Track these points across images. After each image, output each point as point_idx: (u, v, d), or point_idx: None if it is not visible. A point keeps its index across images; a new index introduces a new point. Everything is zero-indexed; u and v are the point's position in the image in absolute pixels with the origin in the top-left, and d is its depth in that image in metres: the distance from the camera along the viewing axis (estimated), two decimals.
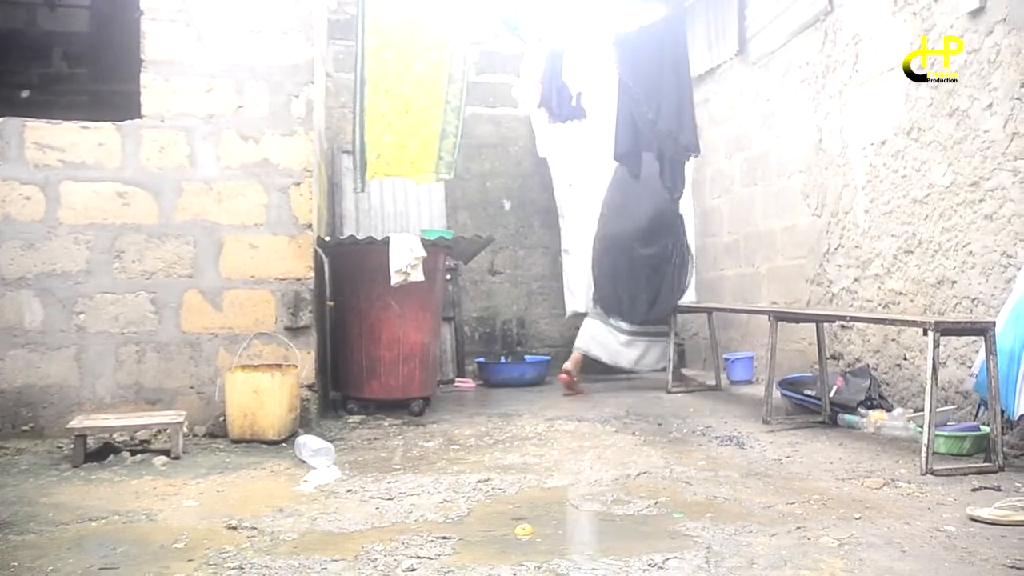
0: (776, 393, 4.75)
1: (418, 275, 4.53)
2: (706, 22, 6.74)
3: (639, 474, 3.41)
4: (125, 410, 4.15)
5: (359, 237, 5.08)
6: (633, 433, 4.34)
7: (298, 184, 4.38)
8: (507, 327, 7.12)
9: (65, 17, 7.79)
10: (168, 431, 3.81)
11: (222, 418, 4.08)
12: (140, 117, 4.35)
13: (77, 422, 3.71)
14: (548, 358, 6.75)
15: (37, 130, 4.26)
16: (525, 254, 7.15)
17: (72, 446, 3.64)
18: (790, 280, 5.91)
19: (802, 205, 5.72)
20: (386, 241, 4.64)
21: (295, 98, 4.42)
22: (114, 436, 3.85)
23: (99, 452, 3.74)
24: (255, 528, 2.64)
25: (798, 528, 2.61)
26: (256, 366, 4.14)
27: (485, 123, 7.10)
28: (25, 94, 7.34)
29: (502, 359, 6.65)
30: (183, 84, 4.37)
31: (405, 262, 4.48)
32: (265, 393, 3.90)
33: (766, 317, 4.77)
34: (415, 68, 4.79)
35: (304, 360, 4.31)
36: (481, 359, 6.67)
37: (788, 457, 3.71)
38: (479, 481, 3.25)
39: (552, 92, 5.87)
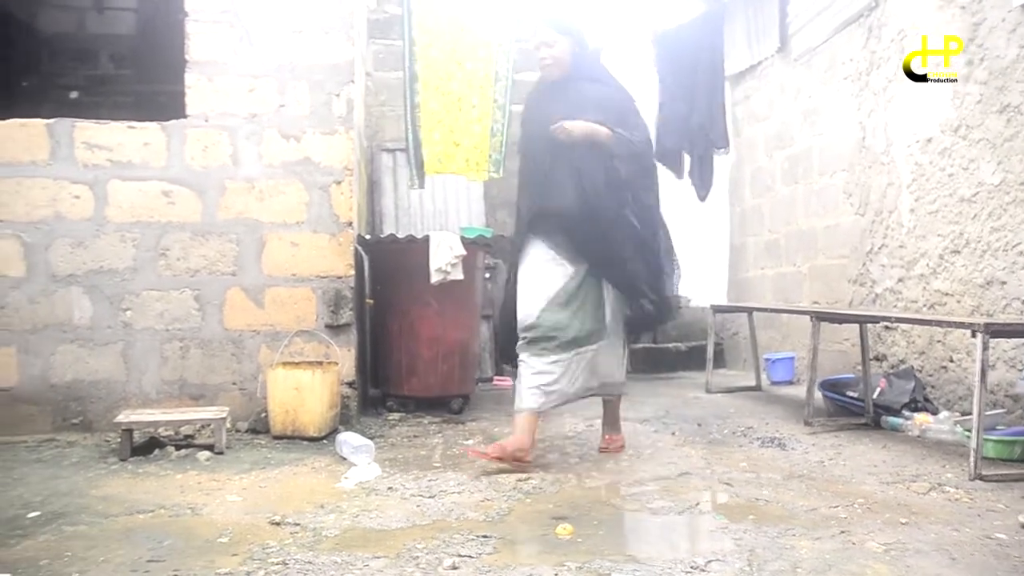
0: (818, 394, 4.69)
1: (458, 273, 4.55)
2: (746, 19, 6.67)
3: (679, 475, 3.39)
4: (169, 405, 4.23)
5: (399, 235, 5.11)
6: (672, 433, 4.32)
7: (339, 182, 4.41)
8: None
9: (112, 20, 7.94)
10: (211, 427, 3.86)
11: (264, 414, 4.13)
12: (185, 117, 4.41)
13: (124, 416, 3.78)
14: None
15: (86, 130, 4.34)
16: None
17: (119, 440, 3.71)
18: (832, 280, 5.83)
19: (845, 204, 5.64)
20: (426, 239, 4.66)
21: (336, 97, 4.45)
22: (159, 431, 3.91)
23: (145, 446, 3.80)
24: (298, 524, 2.67)
25: (842, 532, 2.57)
26: (297, 363, 4.18)
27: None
28: (74, 95, 7.49)
29: None
30: (226, 84, 4.42)
31: (445, 260, 4.50)
32: (306, 390, 3.94)
33: (808, 317, 4.71)
34: (465, 66, 4.83)
35: (344, 357, 4.35)
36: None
37: (831, 459, 3.66)
38: (519, 480, 3.25)
39: None
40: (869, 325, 4.79)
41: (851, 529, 2.60)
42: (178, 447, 3.79)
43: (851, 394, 4.72)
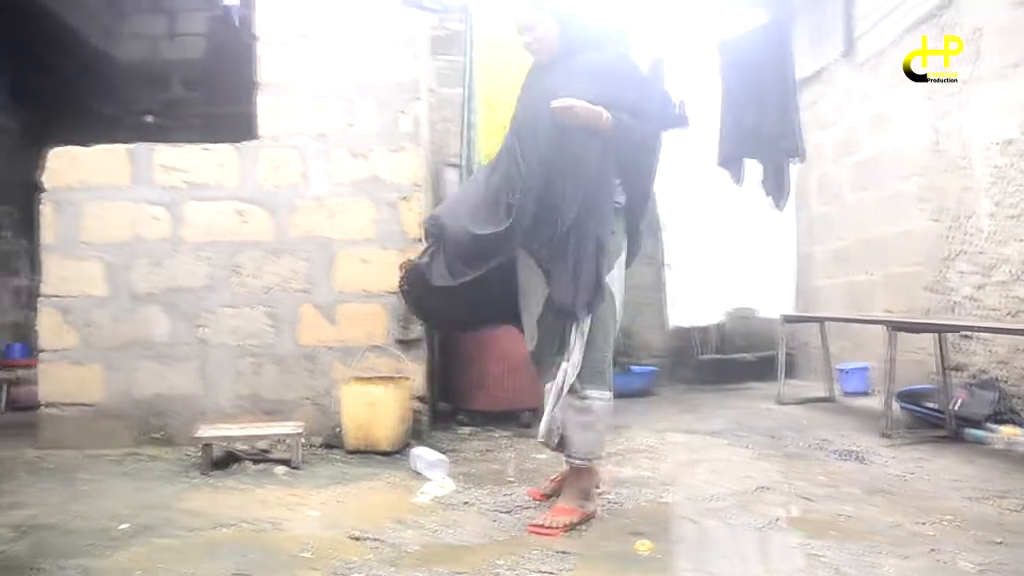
0: (895, 406, 4.57)
1: None
2: (809, 24, 6.56)
3: (756, 489, 3.34)
4: (244, 420, 4.31)
5: None
6: (746, 446, 4.25)
7: (407, 199, 4.47)
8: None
9: (183, 45, 8.20)
10: (287, 441, 3.93)
11: (337, 429, 4.18)
12: (256, 138, 4.51)
13: (203, 431, 3.87)
14: (655, 369, 6.68)
15: (163, 153, 4.47)
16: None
17: (199, 454, 3.80)
18: (906, 288, 5.68)
19: (918, 209, 5.49)
20: None
21: (402, 114, 4.51)
22: (237, 445, 3.99)
23: (224, 460, 3.88)
24: (378, 539, 2.69)
25: (931, 551, 2.50)
26: (370, 378, 4.23)
27: None
28: (148, 119, 7.74)
29: None
30: (295, 104, 4.51)
31: None
32: (379, 405, 3.98)
33: (883, 327, 4.59)
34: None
35: (416, 372, 4.38)
36: None
37: (912, 473, 3.56)
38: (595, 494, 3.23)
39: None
40: (947, 334, 4.65)
41: (940, 548, 2.53)
42: (255, 462, 3.86)
43: (930, 405, 4.59)
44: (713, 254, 6.76)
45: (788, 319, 6.13)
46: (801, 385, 6.58)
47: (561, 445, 2.96)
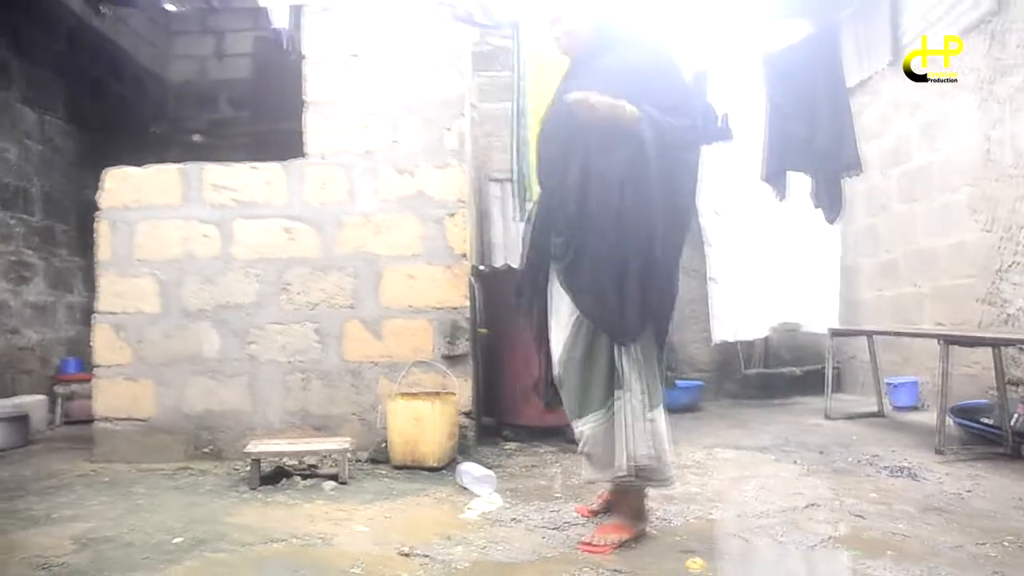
0: (948, 421, 4.47)
1: None
2: (854, 34, 6.48)
3: (807, 506, 3.29)
4: (292, 435, 4.36)
5: (512, 265, 5.15)
6: (795, 462, 4.19)
7: (452, 215, 4.50)
8: None
9: (230, 65, 8.38)
10: (334, 456, 3.96)
11: (384, 444, 4.21)
12: (303, 156, 4.58)
13: (252, 447, 3.92)
14: (700, 383, 6.62)
15: (213, 172, 4.56)
16: None
17: (249, 469, 3.85)
18: (957, 300, 5.56)
19: (969, 220, 5.38)
20: None
21: (447, 131, 4.54)
22: (285, 460, 4.04)
23: (272, 475, 3.92)
24: (427, 556, 2.70)
25: (995, 573, 2.44)
26: (416, 394, 4.26)
27: None
28: (196, 138, 7.90)
29: None
30: (342, 122, 4.58)
31: None
32: (426, 420, 4.00)
33: (935, 340, 4.50)
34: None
35: (462, 388, 4.40)
36: None
37: (969, 491, 3.48)
38: None
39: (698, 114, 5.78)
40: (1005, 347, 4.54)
41: (1006, 571, 2.46)
42: (304, 476, 3.90)
43: (986, 421, 4.48)
44: (757, 268, 6.68)
45: (836, 333, 6.04)
46: (849, 399, 6.47)
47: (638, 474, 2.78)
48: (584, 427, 2.84)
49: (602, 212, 2.71)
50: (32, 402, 5.57)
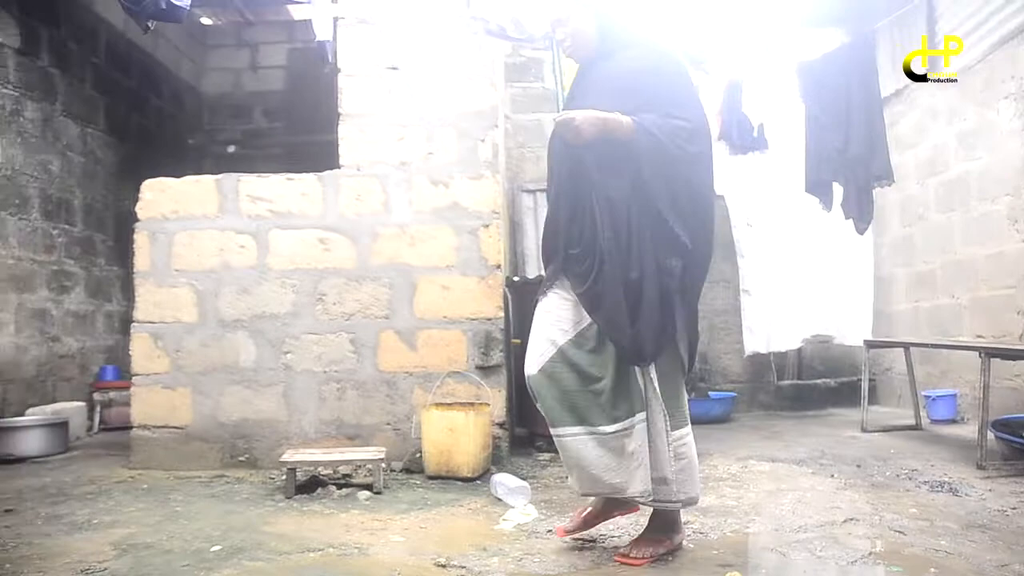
0: (989, 435, 4.40)
1: None
2: (891, 42, 6.43)
3: (845, 521, 3.24)
4: (327, 444, 4.39)
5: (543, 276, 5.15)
6: (831, 475, 4.14)
7: (487, 226, 4.51)
8: None
9: (264, 77, 8.50)
10: (369, 466, 3.98)
11: (418, 454, 4.22)
12: (338, 167, 4.62)
13: (288, 456, 3.95)
14: (733, 395, 6.58)
15: (249, 183, 4.62)
16: (706, 289, 6.93)
17: (284, 478, 3.88)
18: (997, 311, 5.48)
19: (1010, 230, 5.31)
20: None
21: (481, 142, 4.57)
22: (319, 470, 4.06)
23: (307, 484, 3.95)
24: (464, 567, 2.70)
25: None
26: (450, 404, 4.27)
27: None
28: (231, 149, 8.01)
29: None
30: (376, 134, 4.61)
31: None
32: (460, 431, 4.01)
33: (975, 353, 4.43)
34: None
35: (495, 398, 4.41)
36: None
37: (1014, 508, 3.41)
38: None
39: (732, 124, 5.77)
40: None
41: None
42: (339, 486, 3.92)
43: None
44: (790, 279, 6.64)
45: (872, 344, 5.96)
46: (884, 412, 6.38)
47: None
48: (574, 439, 2.69)
49: (613, 235, 2.60)
50: (72, 409, 5.66)
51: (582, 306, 2.71)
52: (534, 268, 6.44)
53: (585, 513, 2.94)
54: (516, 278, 5.25)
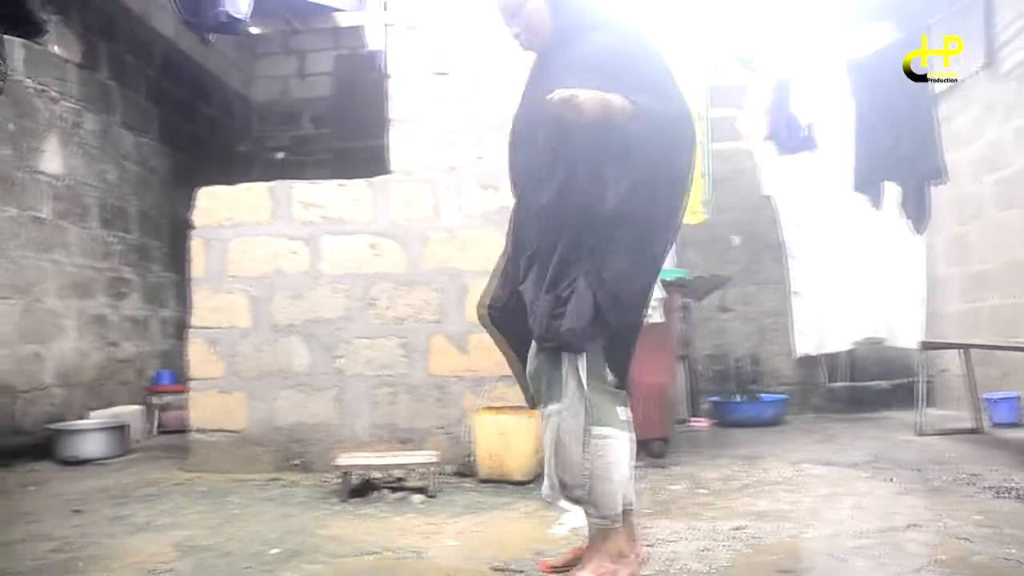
0: None
1: (658, 316, 4.51)
2: (942, 36, 6.30)
3: (907, 527, 3.17)
4: (380, 448, 4.43)
5: None
6: (889, 480, 4.06)
7: None
8: (740, 365, 6.93)
9: (312, 84, 8.61)
10: (421, 470, 4.00)
11: (469, 458, 4.24)
12: (388, 172, 4.66)
13: (343, 460, 3.99)
14: (785, 397, 6.49)
15: (301, 190, 4.68)
16: (756, 290, 6.96)
17: (338, 481, 3.93)
18: None
19: None
20: None
21: None
22: (373, 473, 4.10)
23: (361, 488, 3.99)
24: (520, 571, 2.70)
25: None
26: (501, 408, 4.28)
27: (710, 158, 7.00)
28: (280, 156, 8.13)
29: (736, 398, 6.46)
30: (426, 139, 4.65)
31: None
32: (512, 435, 4.02)
33: None
34: None
35: None
36: (715, 398, 6.53)
37: None
38: (734, 528, 3.16)
39: (781, 123, 5.71)
40: None
41: None
42: (392, 489, 3.96)
43: None
44: (841, 281, 6.55)
45: (928, 346, 5.84)
46: (941, 415, 6.24)
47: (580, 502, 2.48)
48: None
49: (595, 220, 2.36)
50: (130, 412, 5.80)
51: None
52: None
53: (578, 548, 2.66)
54: None
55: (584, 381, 2.38)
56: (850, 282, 6.53)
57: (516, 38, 2.59)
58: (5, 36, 2.72)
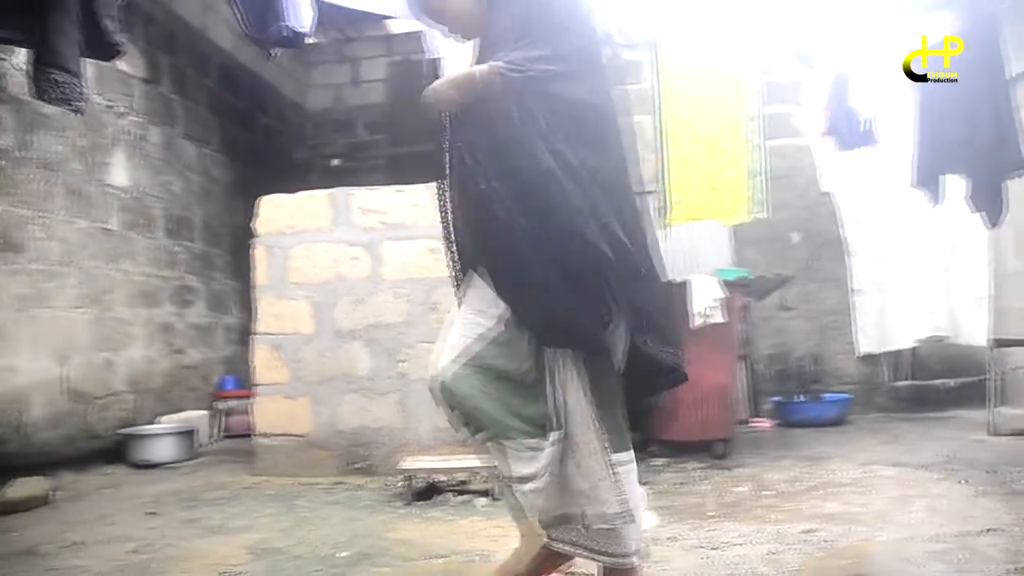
0: None
1: (718, 316, 4.48)
2: (1016, 21, 6.11)
3: (984, 531, 3.09)
4: (442, 451, 4.45)
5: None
6: (963, 482, 3.95)
7: None
8: (801, 364, 6.83)
9: (366, 91, 8.71)
10: (485, 473, 4.02)
11: None
12: (446, 177, 4.68)
13: (407, 463, 4.03)
14: (849, 396, 6.37)
15: (361, 196, 4.74)
16: (817, 288, 6.84)
17: (402, 485, 3.96)
18: None
19: None
20: (685, 284, 4.64)
21: None
22: (437, 476, 4.13)
23: (425, 491, 4.03)
24: (590, 573, 2.70)
25: None
26: None
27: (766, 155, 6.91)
28: (335, 163, 8.25)
29: (797, 397, 6.37)
30: None
31: (705, 304, 4.45)
32: None
33: None
34: (714, 109, 4.81)
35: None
36: (776, 398, 6.44)
37: None
38: (804, 532, 3.11)
39: (841, 118, 5.58)
40: None
41: None
42: (456, 493, 3.98)
43: None
44: (903, 277, 6.40)
45: (1000, 343, 5.68)
46: (1015, 414, 6.04)
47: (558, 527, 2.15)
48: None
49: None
50: (197, 417, 5.94)
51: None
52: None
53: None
54: None
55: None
56: (913, 278, 6.38)
57: (451, 33, 2.34)
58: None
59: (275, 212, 4.81)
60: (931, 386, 6.89)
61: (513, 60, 2.01)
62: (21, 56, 4.71)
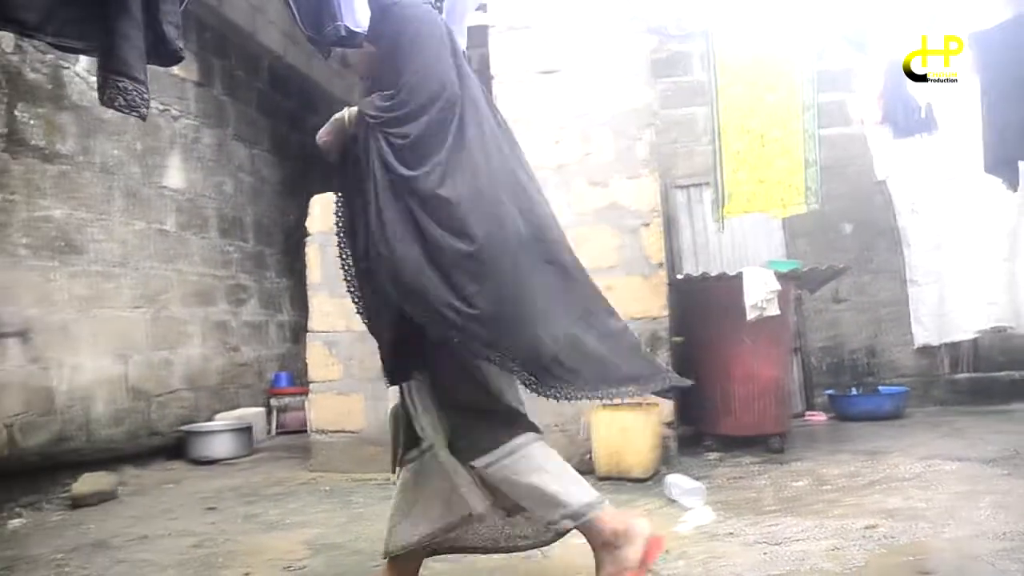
0: None
1: (773, 309, 4.42)
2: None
3: None
4: None
5: (701, 272, 5.07)
6: None
7: (647, 224, 4.48)
8: (855, 357, 6.70)
9: None
10: None
11: (587, 455, 4.24)
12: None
13: None
14: (905, 389, 6.23)
15: None
16: (870, 279, 6.70)
17: None
18: None
19: None
20: (739, 276, 4.58)
21: (638, 141, 4.54)
22: None
23: None
24: (650, 570, 2.68)
25: None
26: (617, 405, 4.25)
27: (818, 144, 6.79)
28: None
29: (853, 390, 6.25)
30: (533, 138, 4.63)
31: (760, 297, 4.39)
32: (631, 431, 4.00)
33: None
34: (766, 99, 4.74)
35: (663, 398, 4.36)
36: (830, 391, 6.33)
37: None
38: (866, 527, 3.06)
39: (897, 105, 5.46)
40: None
41: None
42: None
43: None
44: (961, 267, 6.25)
45: None
46: None
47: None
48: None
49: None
50: (253, 414, 6.04)
51: None
52: (691, 265, 6.35)
53: None
54: (679, 276, 5.19)
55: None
56: (972, 268, 6.22)
57: (361, 79, 2.67)
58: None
59: (326, 211, 4.82)
60: (992, 378, 6.71)
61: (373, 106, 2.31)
62: (83, 63, 4.84)
